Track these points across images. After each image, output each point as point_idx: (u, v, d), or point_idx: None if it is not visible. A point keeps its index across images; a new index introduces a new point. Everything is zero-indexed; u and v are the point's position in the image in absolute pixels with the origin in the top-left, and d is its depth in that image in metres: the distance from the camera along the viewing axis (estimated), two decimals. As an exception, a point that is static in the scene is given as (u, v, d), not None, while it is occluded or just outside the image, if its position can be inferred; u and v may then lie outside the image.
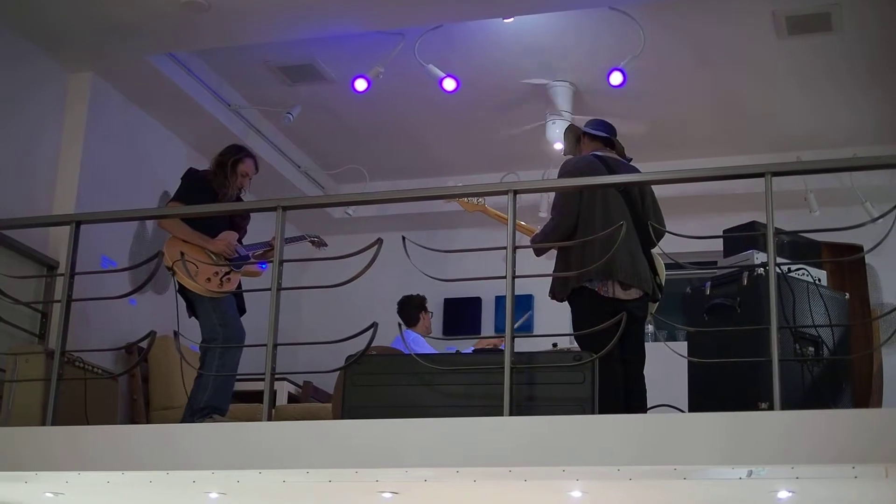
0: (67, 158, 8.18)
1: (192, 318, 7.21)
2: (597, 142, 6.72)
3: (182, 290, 7.15)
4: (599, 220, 6.25)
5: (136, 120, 8.85)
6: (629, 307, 6.14)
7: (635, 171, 6.64)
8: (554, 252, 6.64)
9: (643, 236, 6.38)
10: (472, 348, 8.62)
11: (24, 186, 7.85)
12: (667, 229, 6.35)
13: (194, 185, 7.37)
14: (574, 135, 6.86)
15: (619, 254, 6.16)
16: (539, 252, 6.61)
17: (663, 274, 6.64)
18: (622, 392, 6.19)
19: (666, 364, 6.26)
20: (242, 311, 7.30)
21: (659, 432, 5.09)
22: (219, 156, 7.52)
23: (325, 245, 8.19)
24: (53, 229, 7.86)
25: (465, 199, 7.17)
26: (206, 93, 8.98)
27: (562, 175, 6.57)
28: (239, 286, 7.34)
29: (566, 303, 6.55)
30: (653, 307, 6.56)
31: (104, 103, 8.45)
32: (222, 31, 7.84)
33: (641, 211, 6.48)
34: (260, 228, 7.72)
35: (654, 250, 6.54)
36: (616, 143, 6.72)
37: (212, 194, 7.31)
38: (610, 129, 6.76)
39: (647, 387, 6.46)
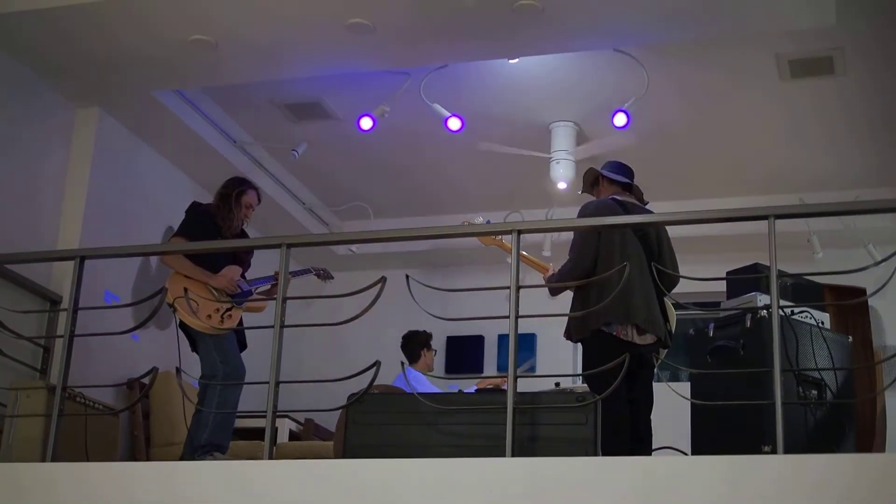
0: (72, 192, 8.20)
1: (195, 352, 7.21)
2: (615, 185, 6.73)
3: (183, 326, 7.15)
4: (617, 264, 6.24)
5: (141, 155, 8.88)
6: (643, 351, 6.16)
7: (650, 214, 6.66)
8: (567, 292, 6.65)
9: (657, 283, 6.38)
10: (475, 387, 8.59)
11: (29, 220, 7.87)
12: (679, 275, 6.35)
13: (198, 219, 7.39)
14: (592, 176, 6.88)
15: (635, 298, 6.23)
16: (554, 292, 6.61)
17: (674, 321, 6.65)
18: (628, 434, 6.18)
19: (669, 406, 6.25)
20: (243, 346, 7.30)
21: (661, 475, 5.06)
22: (222, 188, 7.55)
23: (332, 278, 8.19)
24: (57, 263, 7.87)
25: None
26: (211, 129, 9.02)
27: (580, 218, 6.59)
28: (240, 322, 7.34)
29: (568, 343, 6.55)
30: (662, 353, 6.55)
31: (110, 138, 8.47)
32: (229, 68, 7.88)
33: (658, 257, 6.50)
34: (264, 263, 7.72)
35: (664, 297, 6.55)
36: (634, 186, 6.75)
37: (215, 228, 7.33)
38: (628, 172, 6.76)
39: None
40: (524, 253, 7.08)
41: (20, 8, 7.17)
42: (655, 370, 6.55)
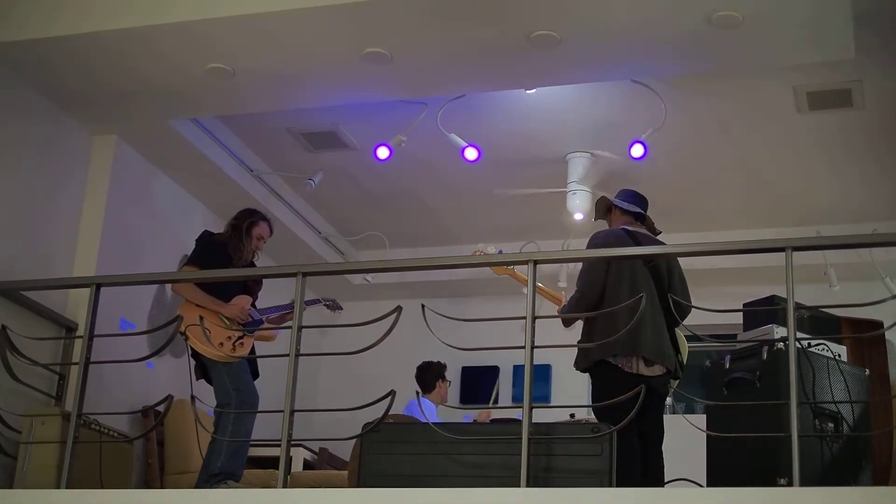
0: (89, 220, 8.21)
1: (202, 381, 7.18)
2: (628, 215, 6.71)
3: (195, 354, 7.14)
4: (626, 295, 6.21)
5: (158, 183, 8.90)
6: (652, 383, 6.14)
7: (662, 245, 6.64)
8: (580, 322, 6.63)
9: (668, 313, 6.35)
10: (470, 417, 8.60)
11: (45, 247, 7.88)
12: (695, 306, 6.33)
13: (209, 249, 7.38)
14: (604, 206, 6.86)
15: (644, 330, 6.19)
16: (567, 323, 6.60)
17: (686, 352, 6.63)
18: (639, 466, 6.15)
19: (685, 437, 6.22)
20: (256, 375, 7.28)
21: (677, 507, 5.05)
22: (233, 219, 7.55)
23: (341, 308, 8.18)
24: (73, 290, 7.88)
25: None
26: (228, 158, 9.03)
27: (590, 248, 6.57)
28: (252, 350, 7.33)
29: (584, 374, 6.53)
30: (673, 384, 6.53)
31: (127, 166, 8.50)
32: (246, 97, 7.90)
33: (668, 287, 6.47)
34: (274, 293, 7.71)
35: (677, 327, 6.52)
36: (647, 217, 6.73)
37: (226, 258, 7.33)
38: (642, 201, 6.74)
39: (666, 460, 6.41)
40: (539, 284, 7.07)
41: (38, 35, 7.20)
42: (670, 401, 6.53)
